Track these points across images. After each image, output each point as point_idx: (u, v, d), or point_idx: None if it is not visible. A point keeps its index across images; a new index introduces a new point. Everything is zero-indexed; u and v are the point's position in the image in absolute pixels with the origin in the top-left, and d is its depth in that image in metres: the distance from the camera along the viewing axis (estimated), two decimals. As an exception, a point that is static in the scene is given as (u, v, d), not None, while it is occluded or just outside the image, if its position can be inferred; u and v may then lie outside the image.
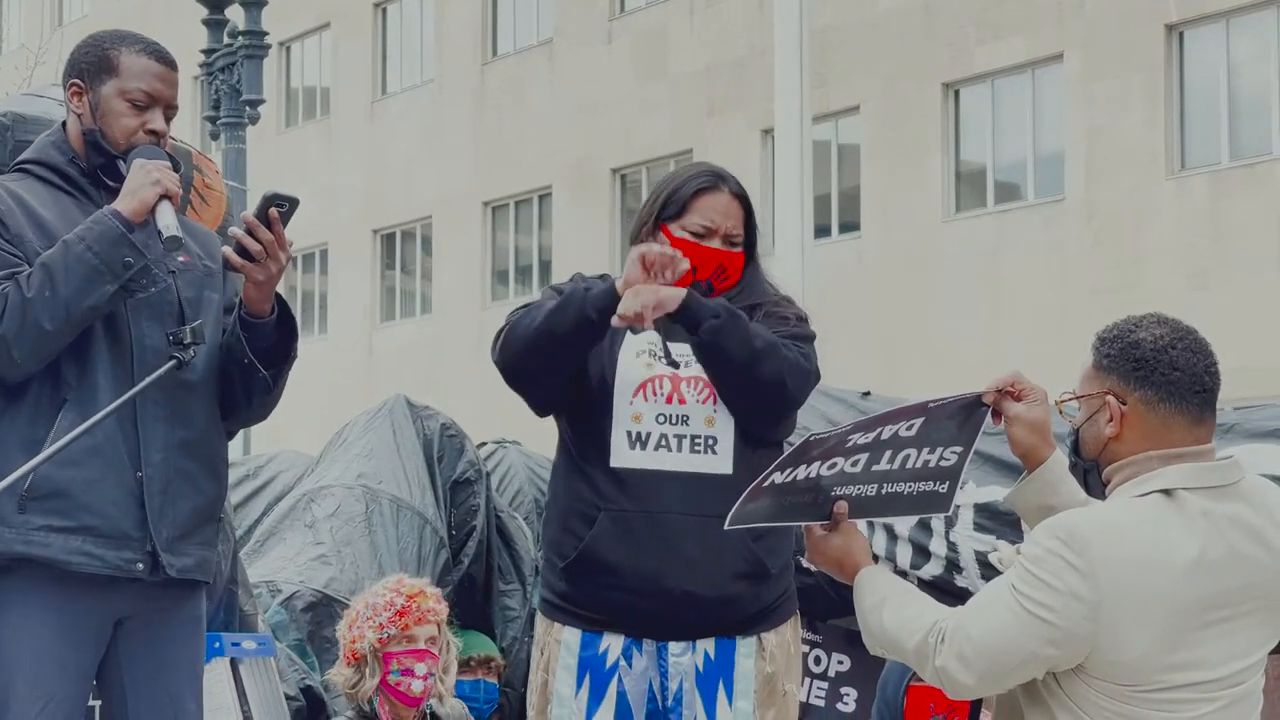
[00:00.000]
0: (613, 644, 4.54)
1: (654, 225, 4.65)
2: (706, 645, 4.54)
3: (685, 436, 4.51)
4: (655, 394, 4.52)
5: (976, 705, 6.31)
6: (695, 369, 4.54)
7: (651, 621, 4.52)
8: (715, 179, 4.68)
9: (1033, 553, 3.52)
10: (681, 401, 4.52)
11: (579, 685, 4.56)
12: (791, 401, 4.60)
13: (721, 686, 4.54)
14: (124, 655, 4.26)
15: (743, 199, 4.70)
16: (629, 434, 4.51)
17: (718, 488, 4.44)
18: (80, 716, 4.25)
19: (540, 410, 4.71)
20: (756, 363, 4.45)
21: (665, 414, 4.51)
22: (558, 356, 4.49)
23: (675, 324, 4.47)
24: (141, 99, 4.25)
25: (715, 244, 4.62)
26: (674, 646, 4.53)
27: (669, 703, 4.53)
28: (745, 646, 4.57)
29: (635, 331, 4.51)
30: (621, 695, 4.53)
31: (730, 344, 4.43)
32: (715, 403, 4.51)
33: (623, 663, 4.54)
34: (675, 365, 4.56)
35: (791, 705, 4.66)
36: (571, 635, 4.58)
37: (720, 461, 4.52)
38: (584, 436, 4.57)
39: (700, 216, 4.62)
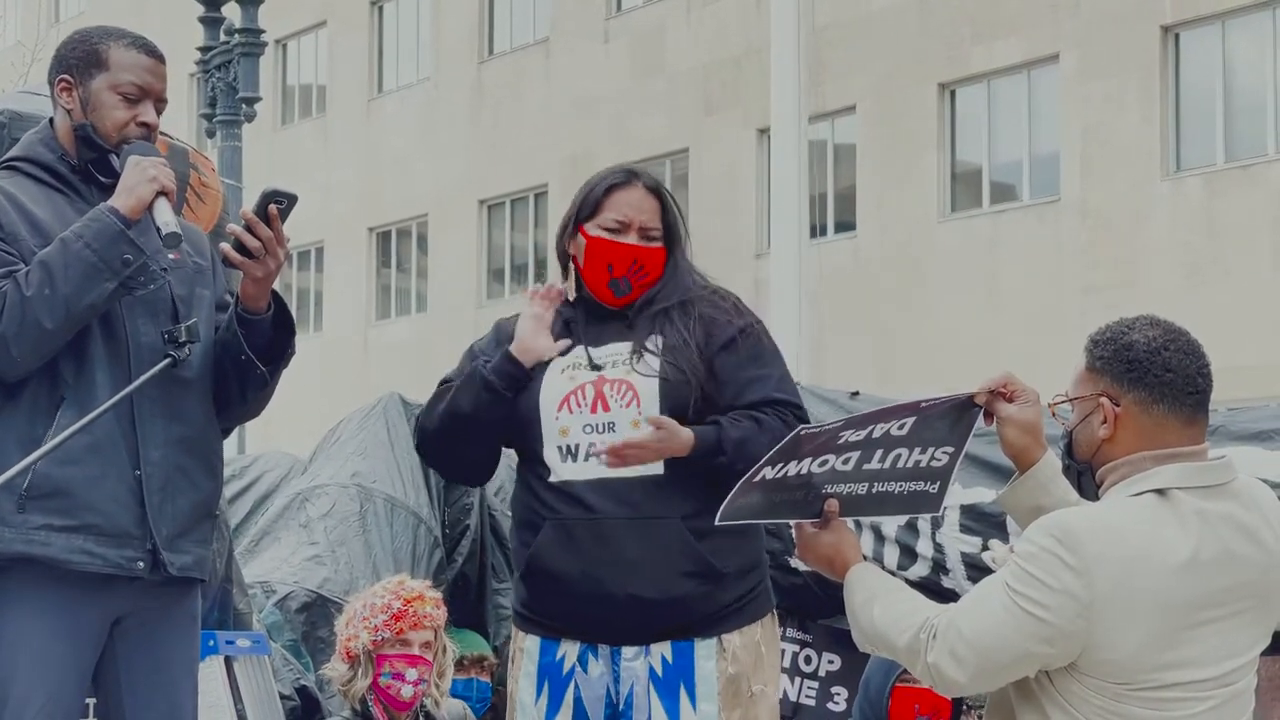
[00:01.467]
0: (569, 650, 4.56)
1: (573, 228, 4.67)
2: (662, 649, 4.52)
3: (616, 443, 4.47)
4: (579, 404, 4.52)
5: (958, 705, 6.33)
6: (619, 371, 4.53)
7: (601, 627, 4.52)
8: (628, 175, 4.68)
9: (1027, 550, 3.53)
10: (606, 408, 4.51)
11: (539, 692, 4.57)
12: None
13: (683, 689, 4.52)
14: (121, 653, 4.25)
15: (657, 193, 4.68)
16: (559, 449, 4.52)
17: (652, 488, 4.45)
18: (78, 714, 4.25)
19: (478, 480, 4.82)
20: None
21: (591, 423, 4.50)
22: (469, 436, 4.58)
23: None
24: (132, 92, 4.25)
25: (631, 239, 4.60)
26: (626, 651, 4.53)
27: (620, 706, 4.52)
28: (704, 648, 4.54)
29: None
30: (578, 701, 4.54)
31: (747, 462, 4.35)
32: (639, 405, 4.49)
33: (578, 669, 4.54)
34: (598, 368, 4.55)
35: (761, 705, 4.61)
36: (532, 643, 4.61)
37: (652, 465, 4.48)
38: (523, 455, 4.62)
39: (613, 212, 4.62)
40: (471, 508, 7.63)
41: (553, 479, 4.52)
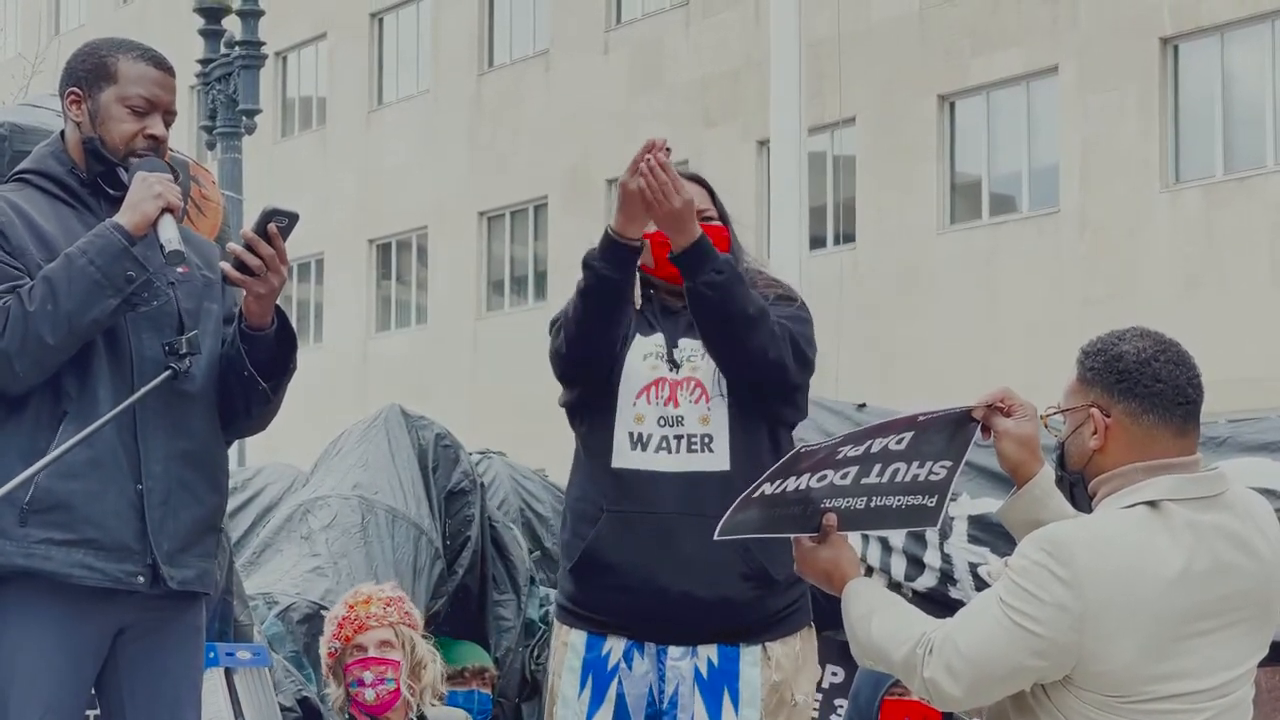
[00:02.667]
0: (615, 646, 4.59)
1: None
2: (709, 651, 4.57)
3: (682, 436, 4.57)
4: (657, 397, 4.58)
5: (949, 718, 6.33)
6: (688, 370, 4.60)
7: (651, 623, 4.56)
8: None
9: (1019, 565, 3.54)
10: (676, 404, 4.58)
11: (582, 687, 4.60)
12: (781, 376, 4.63)
13: (727, 694, 4.57)
14: (123, 665, 4.26)
15: (699, 180, 4.74)
16: (630, 435, 4.57)
17: (716, 486, 4.49)
18: (78, 729, 4.26)
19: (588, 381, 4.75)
20: (747, 328, 4.51)
21: (665, 416, 4.58)
22: (605, 319, 4.55)
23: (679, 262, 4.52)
24: (140, 105, 4.26)
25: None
26: (673, 650, 4.57)
27: (664, 705, 4.56)
28: (749, 655, 4.60)
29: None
30: (620, 698, 4.57)
31: (724, 302, 4.48)
32: (708, 401, 4.57)
33: (623, 665, 4.58)
34: (676, 366, 4.61)
35: (801, 715, 4.69)
36: (578, 638, 4.64)
37: (717, 459, 4.57)
38: (591, 436, 4.64)
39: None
40: (473, 519, 7.64)
41: (615, 464, 4.56)
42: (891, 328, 23.47)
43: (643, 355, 4.62)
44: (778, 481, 3.81)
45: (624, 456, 4.56)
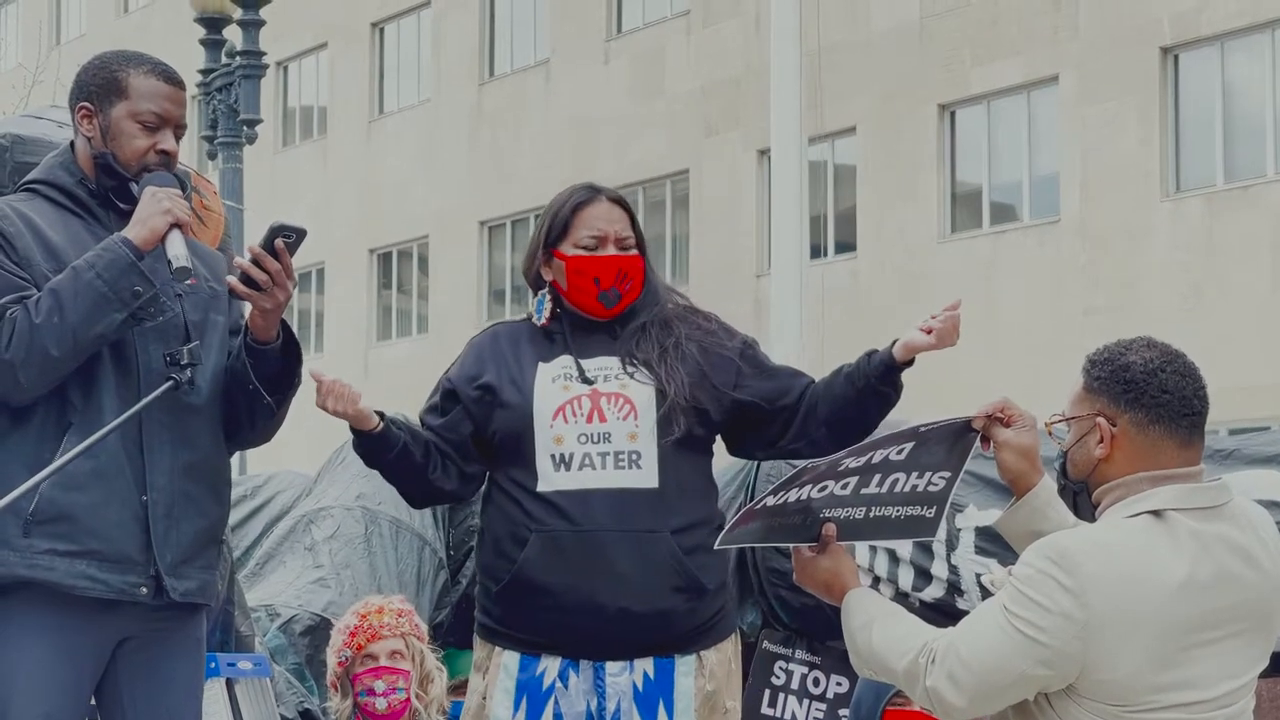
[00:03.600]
0: (549, 665, 4.56)
1: (545, 253, 4.70)
2: (645, 665, 4.55)
3: (609, 453, 4.53)
4: (575, 414, 4.54)
5: None
6: (613, 385, 4.57)
7: (587, 641, 4.53)
8: (590, 191, 4.74)
9: (1024, 573, 3.54)
10: (603, 419, 4.54)
11: (516, 708, 4.56)
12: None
13: (661, 706, 4.55)
14: (124, 676, 4.26)
15: (621, 203, 4.74)
16: (553, 457, 4.53)
17: (645, 502, 4.49)
18: (77, 737, 4.26)
19: (458, 499, 5.02)
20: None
21: (586, 433, 4.53)
22: (406, 477, 4.78)
23: None
24: (152, 120, 4.26)
25: (610, 251, 4.64)
26: (611, 666, 4.55)
27: None
28: (684, 665, 4.59)
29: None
30: (558, 717, 4.54)
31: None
32: (637, 419, 4.54)
33: (559, 684, 4.55)
34: (590, 382, 4.58)
35: None
36: (510, 658, 4.59)
37: (645, 476, 4.53)
38: (510, 465, 4.60)
39: (586, 229, 4.66)
40: (476, 529, 7.62)
41: (541, 488, 4.52)
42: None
43: (550, 378, 4.58)
44: (781, 494, 3.82)
45: (549, 480, 4.53)
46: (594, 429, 4.53)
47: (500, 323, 4.86)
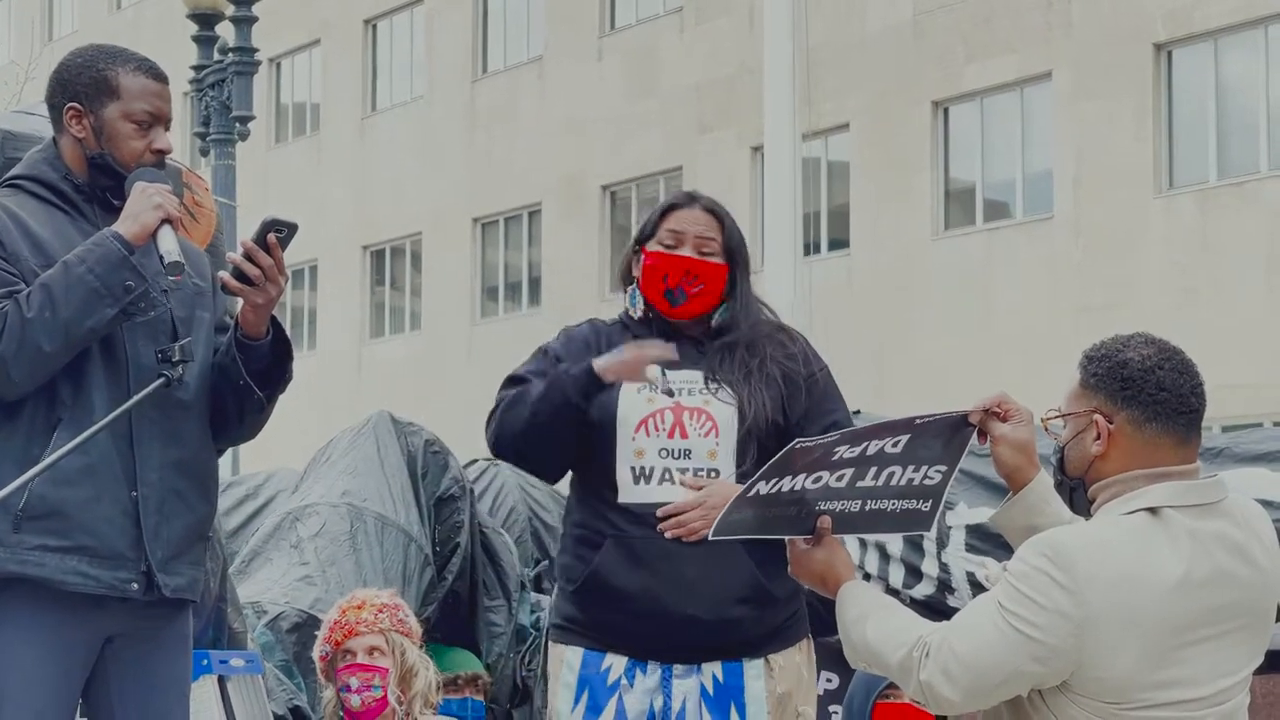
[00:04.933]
0: (615, 663, 4.60)
1: (636, 251, 4.77)
2: (713, 668, 4.60)
3: (688, 469, 4.58)
4: (657, 429, 4.59)
5: None
6: (696, 400, 4.62)
7: (654, 644, 4.58)
8: (687, 197, 4.81)
9: (1019, 569, 3.53)
10: (684, 435, 4.59)
11: (575, 702, 4.60)
12: None
13: (734, 707, 4.60)
14: (113, 673, 4.25)
15: (714, 212, 4.77)
16: (633, 469, 4.58)
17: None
18: (66, 735, 4.25)
19: (555, 478, 4.88)
20: None
21: (667, 448, 4.59)
22: (551, 440, 4.61)
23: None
24: (145, 119, 4.25)
25: (686, 251, 4.69)
26: (677, 668, 4.59)
27: None
28: (753, 668, 4.64)
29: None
30: (621, 712, 4.57)
31: None
32: (718, 436, 4.59)
33: (624, 681, 4.59)
34: (672, 394, 4.61)
35: None
36: (574, 654, 4.64)
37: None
38: (590, 473, 4.65)
39: (669, 228, 4.72)
40: (462, 525, 7.62)
41: (621, 499, 4.58)
42: (885, 334, 23.47)
43: (636, 388, 4.61)
44: (773, 480, 3.80)
45: (628, 492, 4.59)
46: (675, 444, 4.58)
47: (597, 320, 4.88)
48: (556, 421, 4.55)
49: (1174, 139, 21.72)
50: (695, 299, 4.69)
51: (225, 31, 15.64)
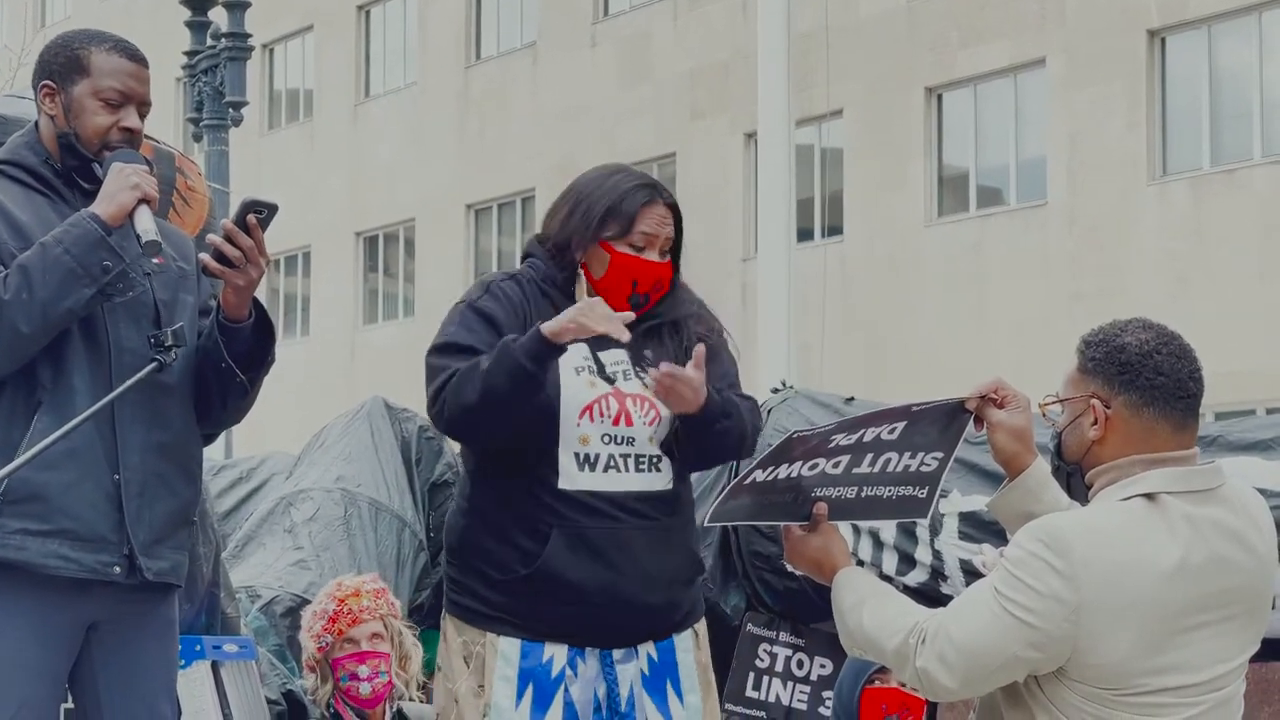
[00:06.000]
0: (556, 653, 4.52)
1: (592, 238, 4.60)
2: (647, 649, 4.58)
3: (630, 456, 4.53)
4: (602, 414, 4.51)
5: (933, 707, 6.39)
6: (634, 385, 4.55)
7: (599, 631, 4.52)
8: (653, 191, 4.66)
9: (1015, 555, 3.53)
10: (629, 423, 4.53)
11: (519, 696, 4.51)
12: (737, 458, 4.89)
13: (669, 684, 4.59)
14: (98, 659, 4.23)
15: (676, 209, 4.70)
16: (577, 455, 4.50)
17: (664, 502, 4.54)
18: (53, 720, 4.24)
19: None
20: (736, 441, 4.61)
21: (611, 434, 4.52)
22: (508, 413, 4.43)
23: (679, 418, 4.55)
24: (114, 97, 4.23)
25: (653, 256, 4.61)
26: (617, 653, 4.55)
27: (622, 709, 4.53)
28: (683, 641, 4.64)
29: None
30: (569, 704, 4.52)
31: (724, 435, 4.55)
32: (658, 423, 4.55)
33: (569, 671, 4.53)
34: (610, 380, 4.55)
35: (716, 692, 4.79)
36: (509, 645, 4.52)
37: (664, 478, 4.58)
38: (525, 457, 4.51)
39: (641, 229, 4.60)
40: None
41: (563, 485, 4.49)
42: (879, 320, 23.47)
43: (574, 369, 4.52)
44: (770, 468, 3.80)
45: (570, 478, 4.49)
46: (620, 431, 4.52)
47: (513, 274, 4.69)
48: (514, 394, 4.37)
49: (1167, 126, 21.72)
50: (652, 300, 4.64)
51: (218, 17, 15.60)
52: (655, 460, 4.55)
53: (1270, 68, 21.06)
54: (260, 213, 4.16)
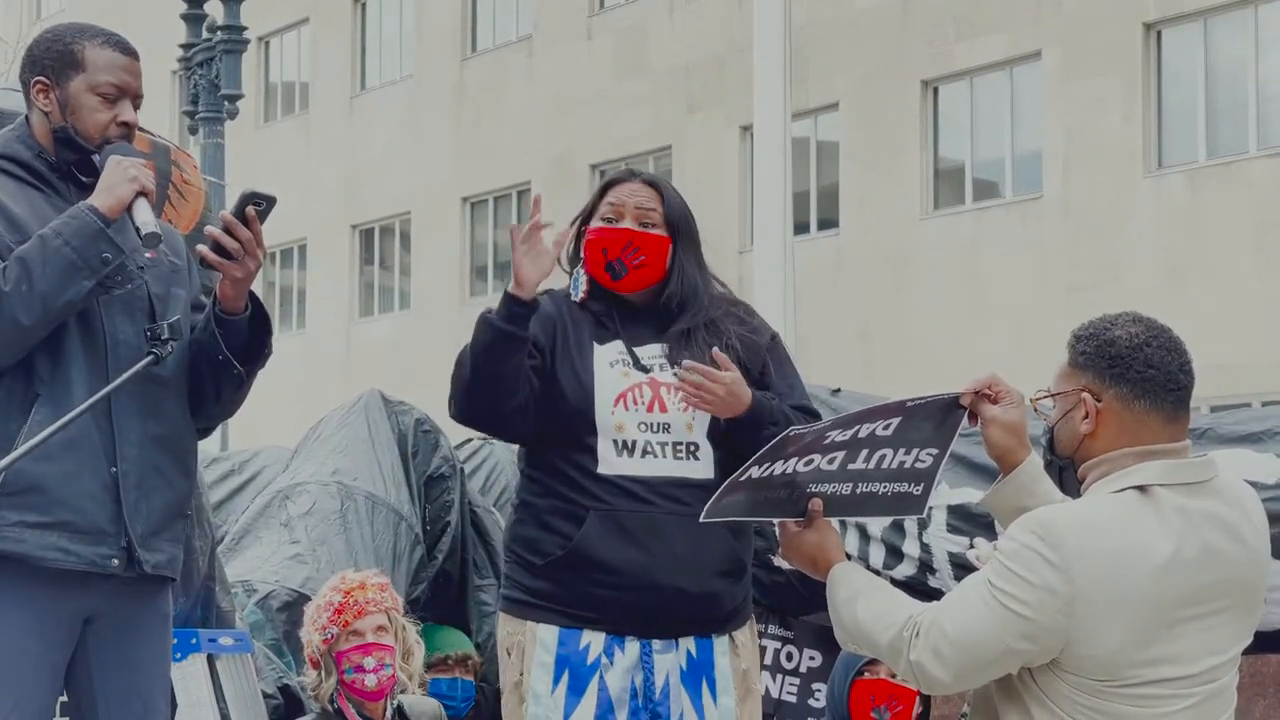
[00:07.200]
0: (593, 640, 4.57)
1: (580, 232, 4.76)
2: (688, 644, 4.62)
3: (668, 443, 4.60)
4: (636, 402, 4.59)
5: (926, 700, 6.41)
6: (669, 375, 4.61)
7: (637, 617, 4.57)
8: (627, 173, 4.80)
9: (1008, 547, 3.53)
10: (663, 409, 4.60)
11: (555, 682, 4.57)
12: None
13: (705, 684, 4.62)
14: (93, 653, 4.24)
15: (654, 184, 4.77)
16: (615, 443, 4.57)
17: (700, 490, 4.50)
18: (50, 715, 4.23)
19: (520, 433, 4.73)
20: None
21: (647, 422, 4.59)
22: (500, 381, 4.52)
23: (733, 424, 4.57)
24: (111, 92, 4.23)
25: (626, 224, 4.67)
26: (656, 644, 4.59)
27: (656, 698, 4.57)
28: (721, 645, 4.67)
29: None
30: (603, 691, 4.56)
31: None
32: (693, 410, 4.58)
33: (604, 659, 4.57)
34: (646, 370, 4.62)
35: (759, 700, 4.80)
36: (547, 632, 4.59)
37: (703, 467, 4.61)
38: (562, 445, 4.60)
39: (609, 201, 4.71)
40: (452, 504, 7.61)
41: (602, 470, 4.55)
42: (875, 314, 23.47)
43: (609, 362, 4.62)
44: (765, 465, 3.81)
45: (610, 464, 4.57)
46: (655, 418, 4.59)
47: (555, 290, 4.80)
48: (500, 360, 4.47)
49: (1163, 119, 21.72)
50: (637, 271, 4.67)
51: (214, 10, 15.61)
52: (694, 448, 4.60)
53: (1266, 61, 21.06)
54: (259, 205, 4.17)
